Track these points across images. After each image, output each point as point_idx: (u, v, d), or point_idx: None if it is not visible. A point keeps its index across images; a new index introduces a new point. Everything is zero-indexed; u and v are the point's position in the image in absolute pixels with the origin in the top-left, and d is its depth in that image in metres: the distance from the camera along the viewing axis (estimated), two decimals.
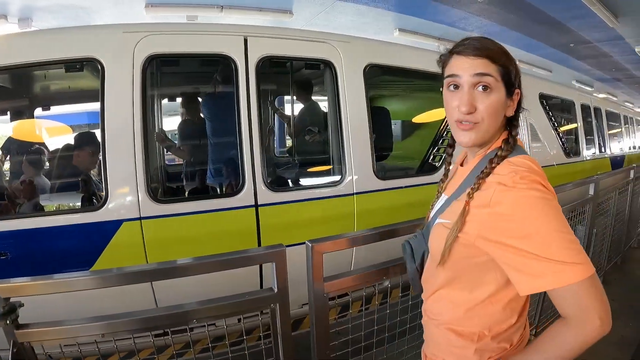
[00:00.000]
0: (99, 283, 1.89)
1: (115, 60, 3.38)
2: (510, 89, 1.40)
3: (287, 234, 3.83)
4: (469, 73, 1.37)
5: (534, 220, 1.22)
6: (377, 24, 9.02)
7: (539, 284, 1.22)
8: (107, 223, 3.31)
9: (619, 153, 12.23)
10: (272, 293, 2.07)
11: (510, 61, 1.41)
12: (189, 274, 1.98)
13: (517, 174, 1.27)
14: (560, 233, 1.20)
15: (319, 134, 4.83)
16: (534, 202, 1.23)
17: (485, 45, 1.39)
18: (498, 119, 1.41)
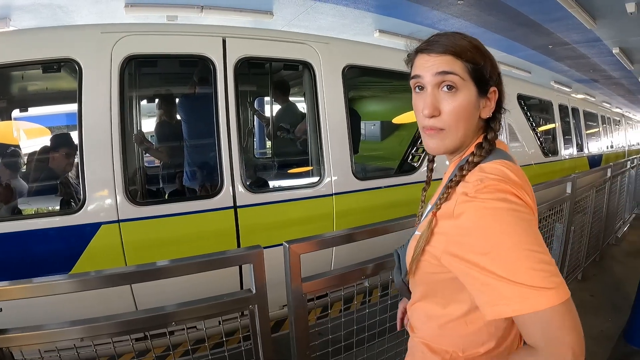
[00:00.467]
0: (77, 286, 1.86)
1: (93, 60, 3.34)
2: (483, 88, 1.26)
3: (267, 235, 3.86)
4: (431, 72, 1.24)
5: (496, 234, 1.07)
6: (357, 25, 9.07)
7: (502, 310, 1.05)
8: (86, 226, 3.28)
9: (596, 152, 12.42)
10: (250, 294, 2.05)
11: (483, 56, 1.27)
12: (165, 276, 1.94)
13: (482, 183, 1.14)
14: (528, 250, 1.04)
15: (297, 134, 4.83)
16: (497, 214, 1.08)
17: (450, 41, 1.25)
18: (468, 122, 1.26)
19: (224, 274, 2.11)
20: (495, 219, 1.07)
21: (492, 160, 1.24)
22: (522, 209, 1.09)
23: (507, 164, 1.23)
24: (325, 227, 4.23)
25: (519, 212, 1.08)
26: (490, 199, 1.09)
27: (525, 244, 1.04)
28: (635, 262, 4.06)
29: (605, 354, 3.88)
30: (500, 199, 1.09)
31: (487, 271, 1.05)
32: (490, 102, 1.29)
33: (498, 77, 1.31)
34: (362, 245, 2.54)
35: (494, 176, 1.15)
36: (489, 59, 1.28)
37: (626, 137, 18.42)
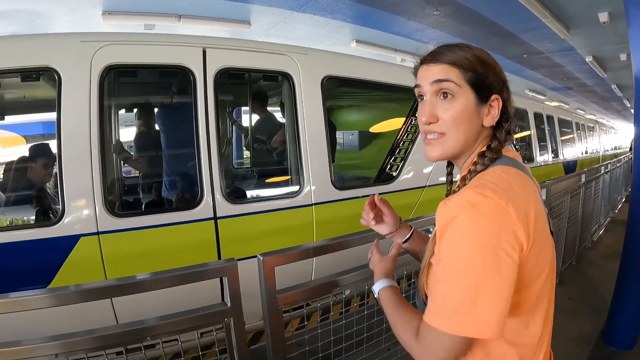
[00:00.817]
0: (51, 302, 1.83)
1: (72, 70, 3.30)
2: (483, 95, 1.25)
3: (247, 245, 3.87)
4: (428, 81, 1.27)
5: (446, 247, 1.09)
6: (334, 35, 9.15)
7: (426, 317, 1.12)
8: (64, 238, 3.23)
9: (571, 158, 12.60)
10: (225, 307, 2.04)
11: (483, 65, 1.26)
12: (137, 291, 1.93)
13: (465, 190, 1.13)
14: (460, 272, 1.05)
15: (277, 145, 4.85)
16: (456, 223, 1.07)
17: (449, 50, 1.28)
18: (467, 129, 1.25)
19: (204, 285, 2.10)
20: (451, 231, 1.08)
21: (496, 165, 1.24)
22: (480, 219, 1.05)
23: (506, 169, 1.22)
24: (305, 237, 4.25)
25: (472, 223, 1.05)
26: (455, 205, 1.09)
27: (459, 265, 1.05)
28: (611, 265, 4.14)
29: (584, 356, 3.96)
30: (460, 205, 1.08)
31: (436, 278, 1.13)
32: (493, 110, 1.27)
33: (503, 86, 1.30)
34: (344, 253, 2.55)
35: (479, 183, 1.14)
36: (491, 67, 1.28)
37: (600, 143, 18.70)
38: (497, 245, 1.04)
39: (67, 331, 1.82)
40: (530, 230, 1.10)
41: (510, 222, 1.07)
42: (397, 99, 5.89)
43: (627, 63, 10.82)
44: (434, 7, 7.62)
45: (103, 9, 6.94)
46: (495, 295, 1.03)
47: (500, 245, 1.04)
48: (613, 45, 9.81)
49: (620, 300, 4.17)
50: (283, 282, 2.25)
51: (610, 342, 4.18)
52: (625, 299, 4.12)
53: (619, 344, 4.14)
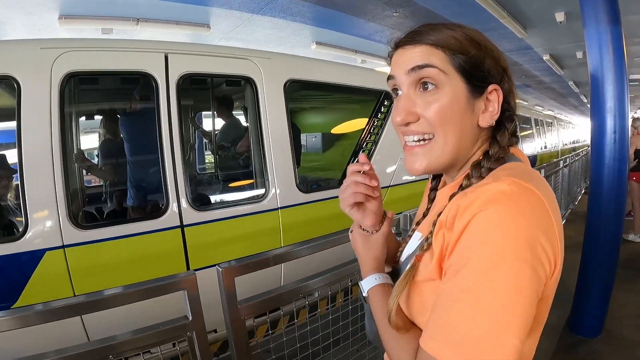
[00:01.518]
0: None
1: (32, 77, 3.20)
2: (477, 85, 0.97)
3: (216, 252, 3.87)
4: (404, 69, 0.98)
5: (466, 254, 0.80)
6: (294, 38, 9.15)
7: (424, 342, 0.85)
8: (29, 253, 3.13)
9: (530, 153, 12.87)
10: (187, 321, 2.01)
11: (477, 46, 0.98)
12: (97, 309, 1.88)
13: (491, 177, 0.90)
14: (486, 290, 0.76)
15: (241, 150, 4.84)
16: (483, 221, 0.78)
17: (432, 29, 0.99)
18: (458, 129, 0.96)
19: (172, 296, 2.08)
20: (480, 227, 0.79)
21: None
22: (533, 240, 0.78)
23: (526, 166, 0.98)
24: (272, 241, 4.25)
25: (512, 224, 0.77)
26: (483, 197, 0.81)
27: (498, 275, 0.76)
28: (573, 256, 4.22)
29: (552, 345, 4.04)
30: (491, 199, 0.80)
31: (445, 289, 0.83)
32: (491, 105, 0.99)
33: (504, 73, 1.02)
34: (312, 258, 2.54)
35: (512, 172, 0.89)
36: (487, 49, 1.01)
37: (559, 138, 19.15)
38: (535, 256, 0.77)
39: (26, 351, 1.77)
40: (562, 241, 0.86)
41: (550, 224, 0.82)
42: (359, 101, 5.94)
43: (583, 61, 11.01)
44: (393, 9, 7.68)
45: (60, 13, 6.76)
46: (524, 323, 0.77)
47: (538, 255, 0.78)
48: (569, 43, 10.06)
49: (584, 289, 4.29)
50: (250, 289, 2.25)
51: (577, 330, 4.29)
52: (588, 287, 4.24)
53: (586, 332, 4.26)
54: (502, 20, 7.93)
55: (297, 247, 2.54)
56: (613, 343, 4.10)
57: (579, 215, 9.53)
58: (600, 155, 4.00)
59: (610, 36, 3.79)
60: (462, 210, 0.82)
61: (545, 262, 0.79)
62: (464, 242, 0.80)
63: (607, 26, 3.79)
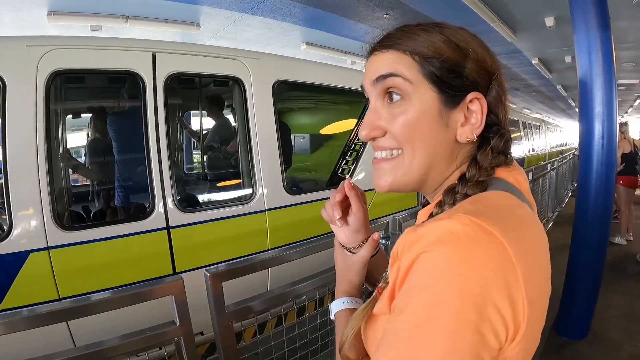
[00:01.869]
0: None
1: (17, 75, 3.14)
2: (452, 93, 0.83)
3: (202, 254, 3.84)
4: (369, 80, 0.89)
5: (406, 297, 0.67)
6: (284, 38, 9.11)
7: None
8: (13, 255, 3.07)
9: (518, 156, 12.95)
10: (174, 326, 1.99)
11: (455, 48, 0.84)
12: (80, 316, 1.85)
13: (448, 212, 0.73)
14: (416, 344, 0.62)
15: (229, 151, 4.82)
16: (426, 263, 0.65)
17: (404, 31, 0.87)
18: (428, 144, 0.84)
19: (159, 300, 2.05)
20: (422, 269, 0.66)
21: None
22: (479, 297, 0.61)
23: (509, 197, 0.80)
24: (260, 243, 4.23)
25: (454, 279, 0.62)
26: (431, 234, 0.67)
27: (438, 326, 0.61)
28: (560, 258, 4.25)
29: (539, 348, 4.02)
30: (440, 238, 0.66)
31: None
32: (473, 117, 0.84)
33: (488, 79, 0.87)
34: (300, 259, 2.52)
35: (475, 208, 0.73)
36: (469, 52, 0.85)
37: (546, 140, 19.29)
38: (483, 317, 0.62)
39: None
40: (540, 298, 0.72)
41: (513, 280, 0.64)
42: (348, 102, 5.93)
43: (572, 65, 11.19)
44: (383, 11, 7.68)
45: (48, 9, 6.67)
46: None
47: (487, 316, 0.62)
48: (558, 48, 10.10)
49: (571, 292, 4.32)
50: (235, 290, 2.23)
51: (564, 332, 4.33)
52: (575, 290, 4.28)
53: (572, 334, 4.30)
54: (492, 23, 7.95)
55: (286, 252, 2.52)
56: (599, 344, 4.15)
57: (565, 218, 9.63)
58: (588, 159, 4.02)
59: (599, 42, 3.81)
60: (407, 245, 0.69)
61: (499, 326, 0.62)
62: (407, 283, 0.68)
63: (596, 32, 3.81)
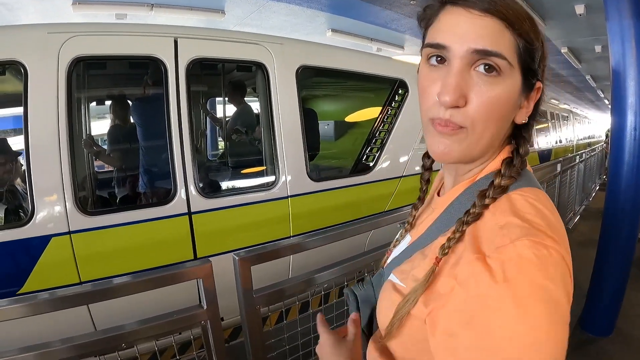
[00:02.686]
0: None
1: (39, 62, 3.14)
2: (529, 81, 0.83)
3: (223, 240, 3.81)
4: (467, 45, 0.77)
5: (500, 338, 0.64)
6: (309, 25, 9.04)
7: None
8: (35, 239, 3.09)
9: (546, 147, 12.77)
10: (201, 310, 1.98)
11: (537, 35, 0.82)
12: (109, 297, 1.85)
13: (508, 236, 0.71)
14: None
15: (252, 137, 4.78)
16: (523, 301, 0.64)
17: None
18: (500, 125, 0.83)
19: (182, 285, 2.03)
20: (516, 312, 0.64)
21: (521, 187, 0.83)
22: (563, 302, 0.67)
23: (541, 196, 0.82)
24: (281, 230, 4.19)
25: (554, 314, 0.65)
26: (517, 272, 0.66)
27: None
28: (586, 252, 4.19)
29: None
30: (532, 282, 0.65)
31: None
32: (529, 103, 0.87)
33: (544, 70, 0.87)
34: (319, 249, 2.51)
35: (526, 225, 0.72)
36: (542, 39, 0.84)
37: (574, 132, 19.01)
38: (567, 323, 0.69)
39: (33, 339, 1.74)
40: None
41: (570, 283, 0.72)
42: (373, 89, 5.83)
43: (602, 55, 11.01)
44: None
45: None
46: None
47: (565, 326, 0.68)
48: (588, 37, 9.89)
49: (597, 287, 4.23)
50: (258, 277, 2.20)
51: (588, 328, 4.24)
52: (602, 285, 4.19)
53: (597, 330, 4.20)
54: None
55: (314, 237, 2.52)
56: (624, 343, 4.06)
57: (592, 212, 9.52)
58: (620, 152, 3.92)
59: (633, 31, 3.70)
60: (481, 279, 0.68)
61: (565, 301, 0.68)
62: (479, 320, 0.67)
63: (630, 20, 3.69)
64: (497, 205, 0.79)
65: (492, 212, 0.79)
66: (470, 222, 0.79)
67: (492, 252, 0.70)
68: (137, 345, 1.87)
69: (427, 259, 0.86)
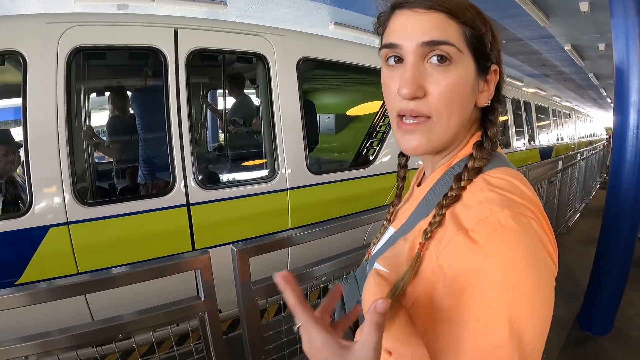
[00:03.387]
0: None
1: (38, 52, 3.13)
2: (483, 65, 0.89)
3: (221, 232, 3.81)
4: (415, 40, 0.83)
5: (494, 298, 0.69)
6: (312, 17, 8.98)
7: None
8: (34, 230, 3.09)
9: (547, 144, 12.78)
10: (199, 301, 1.98)
11: (483, 21, 0.88)
12: (107, 287, 1.84)
13: (491, 209, 0.75)
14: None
15: (251, 129, 4.77)
16: (512, 269, 0.69)
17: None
18: (463, 109, 0.88)
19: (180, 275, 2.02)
20: (504, 274, 0.69)
21: (495, 167, 0.88)
22: (549, 265, 0.75)
23: (514, 173, 0.87)
24: (281, 222, 4.19)
25: (542, 279, 0.72)
26: (504, 238, 0.71)
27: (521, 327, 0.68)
28: (586, 250, 4.19)
29: (560, 340, 4.00)
30: (518, 249, 0.71)
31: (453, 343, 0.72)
32: (489, 86, 0.93)
33: (499, 53, 0.94)
34: (317, 242, 2.50)
35: (506, 194, 0.79)
36: (489, 25, 0.90)
37: (576, 130, 19.03)
38: (551, 293, 0.75)
39: (31, 329, 1.73)
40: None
41: (552, 247, 0.78)
42: (374, 82, 5.72)
43: (605, 53, 10.97)
44: None
45: None
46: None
47: (552, 289, 0.75)
48: (592, 34, 9.83)
49: (596, 286, 4.22)
50: (256, 269, 2.19)
51: (587, 326, 4.24)
52: (601, 284, 4.18)
53: (596, 328, 4.20)
54: (525, 7, 7.73)
55: (312, 230, 2.51)
56: (622, 342, 4.06)
57: (592, 210, 9.53)
58: (622, 150, 3.90)
59: (638, 29, 3.68)
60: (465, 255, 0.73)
61: (550, 260, 0.76)
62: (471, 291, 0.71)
63: (635, 18, 3.67)
64: (475, 184, 0.84)
65: (470, 191, 0.83)
66: (450, 205, 0.83)
67: (475, 225, 0.75)
68: (134, 337, 1.87)
69: (408, 242, 0.89)
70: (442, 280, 0.75)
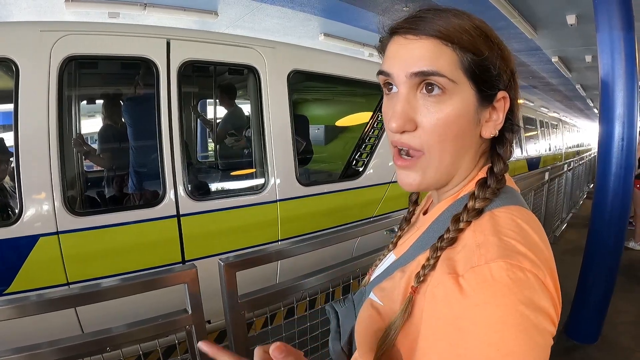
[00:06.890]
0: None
1: (30, 60, 3.14)
2: (487, 93, 0.81)
3: (211, 243, 3.81)
4: (404, 70, 0.80)
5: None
6: (302, 28, 9.05)
7: None
8: (23, 239, 3.08)
9: (535, 155, 12.86)
10: (186, 315, 1.98)
11: (488, 43, 0.81)
12: (92, 301, 1.84)
13: (486, 257, 0.68)
14: None
15: (242, 140, 4.79)
16: (495, 326, 0.62)
17: (437, 14, 0.80)
18: (460, 143, 0.82)
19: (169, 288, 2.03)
20: (487, 333, 0.62)
21: (506, 205, 0.81)
22: (541, 327, 0.65)
23: (526, 214, 0.80)
24: (270, 234, 4.20)
25: (528, 326, 0.63)
26: (491, 294, 0.64)
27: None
28: (573, 260, 4.22)
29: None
30: (505, 306, 0.63)
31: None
32: (497, 114, 0.84)
33: (511, 76, 0.86)
34: (307, 253, 2.51)
35: (504, 245, 0.70)
36: (497, 47, 0.83)
37: (563, 140, 19.16)
38: (541, 356, 0.67)
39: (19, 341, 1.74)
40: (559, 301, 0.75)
41: (551, 306, 0.69)
42: (364, 94, 5.87)
43: (592, 64, 11.10)
44: (403, 3, 7.57)
45: None
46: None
47: (543, 350, 0.68)
48: (579, 46, 9.96)
49: (583, 295, 4.26)
50: (245, 282, 2.20)
51: (574, 335, 4.27)
52: (588, 293, 4.22)
53: (583, 337, 4.24)
54: (513, 19, 7.83)
55: (301, 243, 2.52)
56: (609, 350, 4.09)
57: (579, 220, 9.58)
58: (607, 162, 3.96)
59: (623, 42, 3.75)
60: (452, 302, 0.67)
61: (547, 326, 0.67)
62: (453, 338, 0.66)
63: (620, 32, 3.74)
64: (479, 223, 0.77)
65: (473, 229, 0.77)
66: (445, 248, 0.77)
67: (466, 272, 0.68)
68: (121, 349, 1.87)
69: (405, 276, 0.84)
70: (428, 325, 0.71)
